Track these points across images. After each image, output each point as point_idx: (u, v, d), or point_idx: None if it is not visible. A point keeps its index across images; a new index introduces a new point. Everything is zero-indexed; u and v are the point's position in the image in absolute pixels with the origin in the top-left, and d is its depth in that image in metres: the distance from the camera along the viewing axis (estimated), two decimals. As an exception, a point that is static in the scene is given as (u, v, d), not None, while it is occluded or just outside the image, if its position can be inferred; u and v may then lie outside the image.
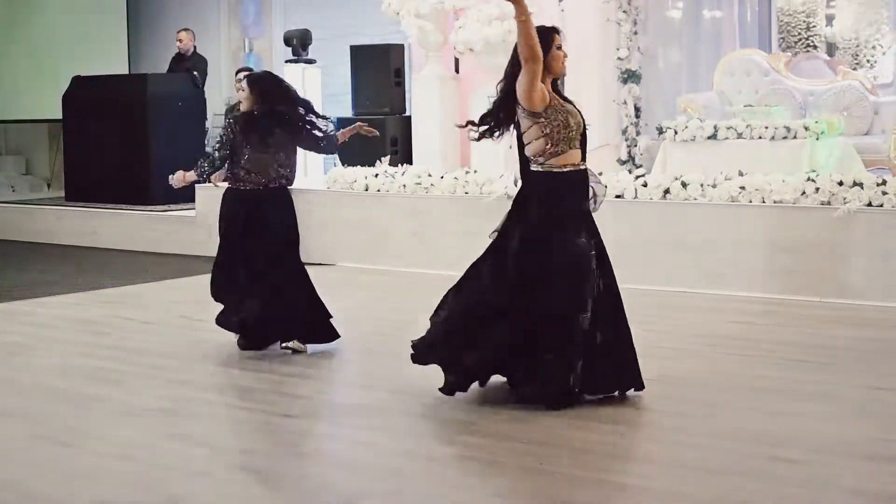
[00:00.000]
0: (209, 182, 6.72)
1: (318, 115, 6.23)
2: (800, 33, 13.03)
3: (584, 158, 5.15)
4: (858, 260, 7.51)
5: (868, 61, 12.57)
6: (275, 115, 6.06)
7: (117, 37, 14.70)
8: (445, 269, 8.93)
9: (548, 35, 5.08)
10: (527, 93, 4.96)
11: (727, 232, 8.01)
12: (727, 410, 5.00)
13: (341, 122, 11.60)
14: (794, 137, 9.29)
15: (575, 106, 5.14)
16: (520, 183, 5.24)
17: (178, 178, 6.43)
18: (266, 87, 6.15)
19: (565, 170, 5.07)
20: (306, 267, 6.33)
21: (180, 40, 12.85)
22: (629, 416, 4.94)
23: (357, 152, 10.73)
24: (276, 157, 6.09)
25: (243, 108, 6.17)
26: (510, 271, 5.04)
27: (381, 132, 11.20)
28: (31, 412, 5.19)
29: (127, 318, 7.52)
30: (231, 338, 6.33)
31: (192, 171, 6.36)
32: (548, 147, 5.02)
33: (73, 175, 12.63)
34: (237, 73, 9.23)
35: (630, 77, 10.57)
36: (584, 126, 5.14)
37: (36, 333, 7.10)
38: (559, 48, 5.13)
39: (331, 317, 6.24)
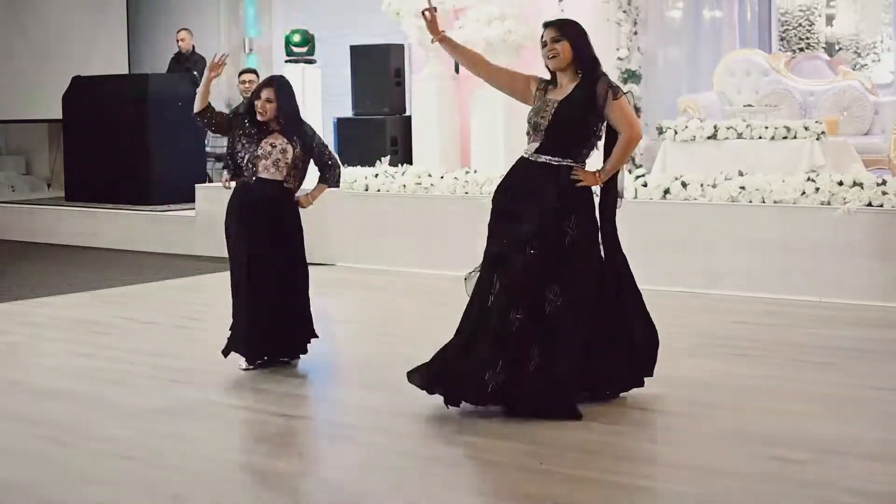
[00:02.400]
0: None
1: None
2: (800, 33, 13.04)
3: (544, 151, 4.94)
4: (858, 260, 7.51)
5: (868, 61, 12.57)
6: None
7: (117, 37, 14.70)
8: (445, 269, 8.95)
9: None
10: None
11: (727, 232, 8.01)
12: (727, 410, 5.00)
13: (341, 123, 11.65)
14: (794, 137, 9.29)
15: (572, 97, 4.94)
16: None
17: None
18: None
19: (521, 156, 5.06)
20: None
21: (182, 40, 12.86)
22: (629, 416, 4.94)
23: (357, 152, 10.75)
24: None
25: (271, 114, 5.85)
26: None
27: (381, 132, 11.27)
28: (31, 412, 5.19)
29: (127, 318, 7.52)
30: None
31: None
32: None
33: (73, 175, 12.63)
34: (240, 75, 9.22)
35: (630, 77, 10.57)
36: (550, 119, 4.93)
37: (36, 333, 7.10)
38: (544, 45, 5.03)
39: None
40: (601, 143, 5.07)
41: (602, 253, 5.08)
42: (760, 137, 9.39)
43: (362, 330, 7.09)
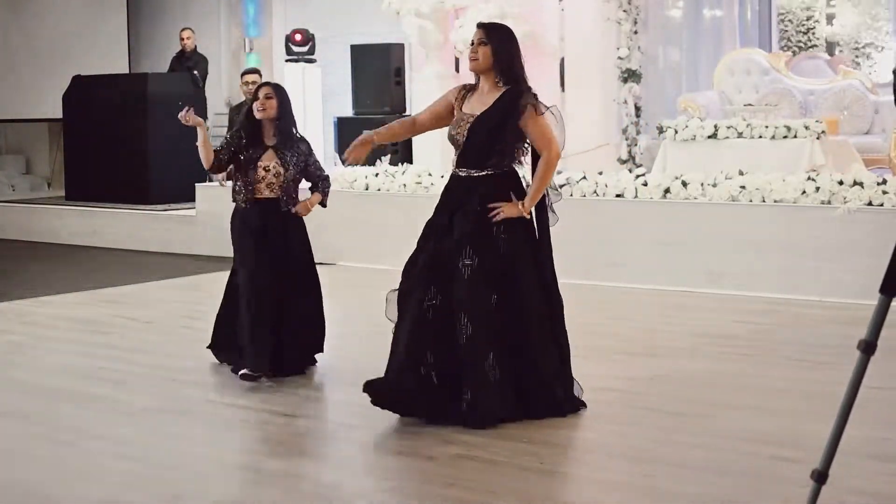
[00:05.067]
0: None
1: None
2: (800, 33, 13.03)
3: (463, 165, 4.93)
4: (858, 260, 7.51)
5: (868, 60, 12.57)
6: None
7: (117, 36, 14.71)
8: (445, 268, 8.96)
9: None
10: None
11: (727, 232, 8.01)
12: (727, 410, 5.00)
13: (341, 122, 11.65)
14: (795, 137, 9.29)
15: (491, 112, 4.86)
16: None
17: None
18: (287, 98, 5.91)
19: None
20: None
21: (188, 38, 12.87)
22: (629, 416, 4.94)
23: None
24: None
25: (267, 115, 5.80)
26: None
27: (381, 132, 11.27)
28: (31, 412, 5.19)
29: (127, 318, 7.52)
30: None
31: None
32: None
33: (74, 174, 12.64)
34: (243, 75, 9.22)
35: (630, 76, 10.58)
36: (465, 134, 4.91)
37: (36, 333, 7.10)
38: (472, 43, 4.95)
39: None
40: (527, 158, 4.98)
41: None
42: (761, 137, 9.39)
43: (362, 330, 7.09)
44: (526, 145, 4.93)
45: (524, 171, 5.02)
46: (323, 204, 6.03)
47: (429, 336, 4.81)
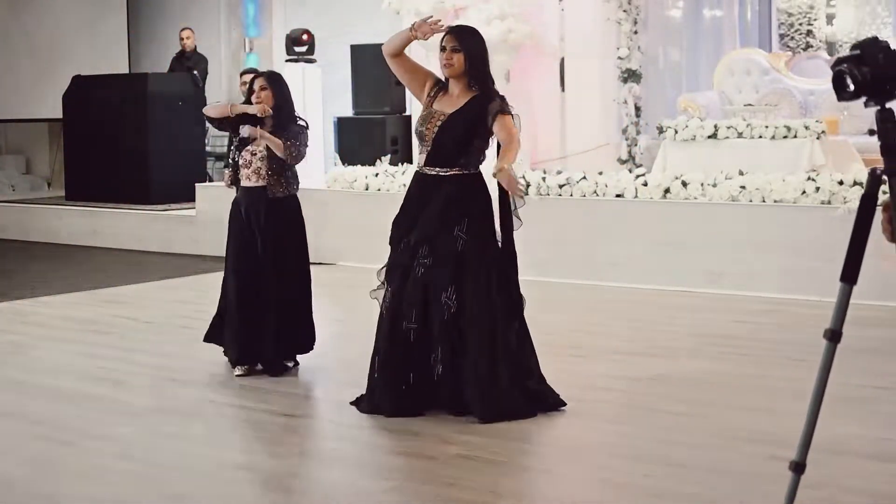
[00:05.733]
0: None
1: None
2: (800, 33, 13.03)
3: (431, 163, 5.02)
4: (858, 259, 7.49)
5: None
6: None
7: (117, 36, 14.70)
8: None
9: None
10: None
11: (727, 232, 8.01)
12: (727, 410, 5.00)
13: (341, 122, 11.64)
14: (795, 137, 9.28)
15: (462, 113, 4.93)
16: None
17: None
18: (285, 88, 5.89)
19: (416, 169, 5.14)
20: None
21: (187, 38, 12.87)
22: (630, 416, 4.94)
23: (357, 152, 10.74)
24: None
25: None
26: None
27: (381, 131, 11.27)
28: (31, 412, 5.19)
29: (127, 317, 7.52)
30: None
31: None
32: None
33: (74, 174, 12.63)
34: (242, 75, 9.23)
35: (630, 76, 10.57)
36: (435, 132, 4.96)
37: (36, 333, 7.10)
38: (442, 49, 4.99)
39: None
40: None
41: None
42: (761, 137, 9.38)
43: (362, 330, 7.08)
44: (486, 147, 5.04)
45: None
46: (281, 151, 5.67)
47: (382, 336, 5.00)
